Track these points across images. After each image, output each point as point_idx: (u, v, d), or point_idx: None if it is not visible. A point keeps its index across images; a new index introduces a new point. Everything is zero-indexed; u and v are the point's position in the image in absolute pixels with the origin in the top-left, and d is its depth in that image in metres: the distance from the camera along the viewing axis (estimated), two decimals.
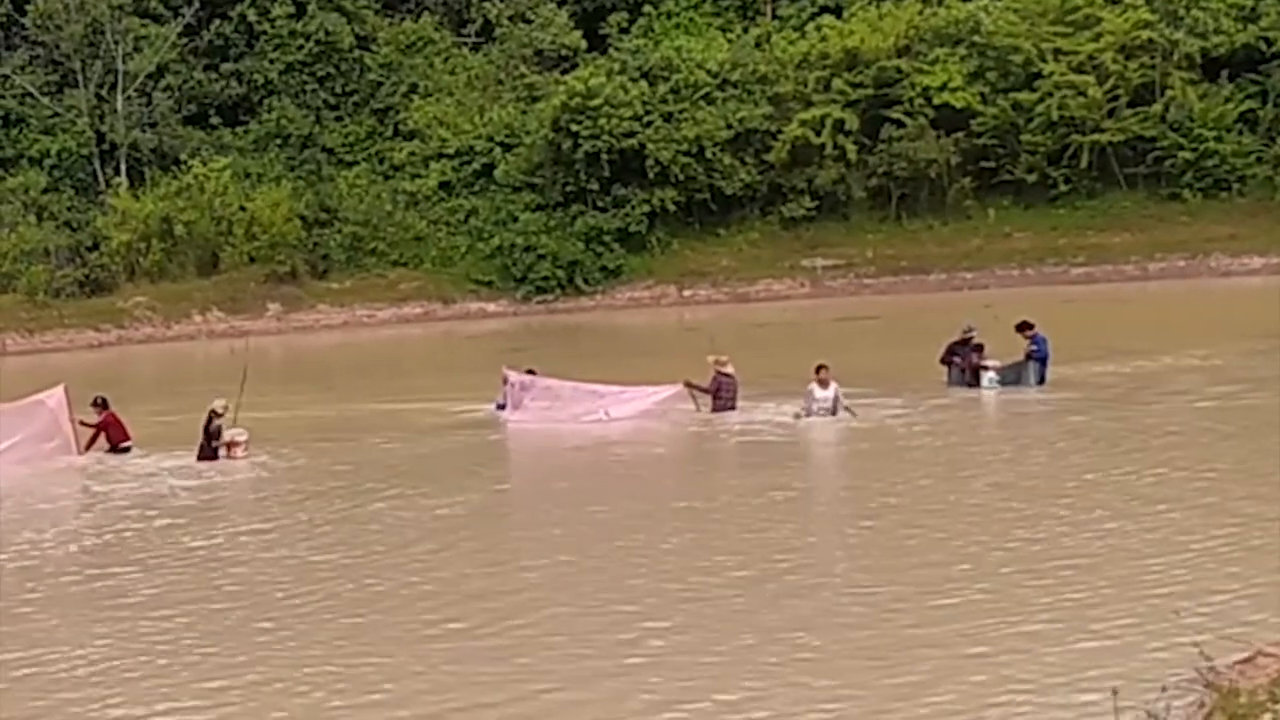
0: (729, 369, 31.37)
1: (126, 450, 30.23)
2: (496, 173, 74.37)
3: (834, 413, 28.79)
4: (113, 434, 30.49)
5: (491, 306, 70.27)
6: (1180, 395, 30.07)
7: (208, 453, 28.68)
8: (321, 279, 71.48)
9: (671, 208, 71.42)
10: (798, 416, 29.13)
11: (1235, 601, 14.95)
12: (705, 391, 31.23)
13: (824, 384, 28.84)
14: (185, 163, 73.68)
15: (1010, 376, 31.79)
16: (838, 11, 76.02)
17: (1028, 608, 15.21)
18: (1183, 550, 17.21)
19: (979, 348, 32.34)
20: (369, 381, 44.43)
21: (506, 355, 40.95)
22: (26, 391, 34.06)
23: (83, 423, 30.62)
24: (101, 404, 30.81)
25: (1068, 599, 15.42)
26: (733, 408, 31.06)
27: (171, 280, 71.18)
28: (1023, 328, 32.22)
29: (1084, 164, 69.61)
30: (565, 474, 26.97)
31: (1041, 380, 31.76)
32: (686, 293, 70.15)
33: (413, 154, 76.50)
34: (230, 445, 28.71)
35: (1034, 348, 31.89)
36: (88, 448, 30.52)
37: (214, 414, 28.88)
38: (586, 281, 70.43)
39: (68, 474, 29.18)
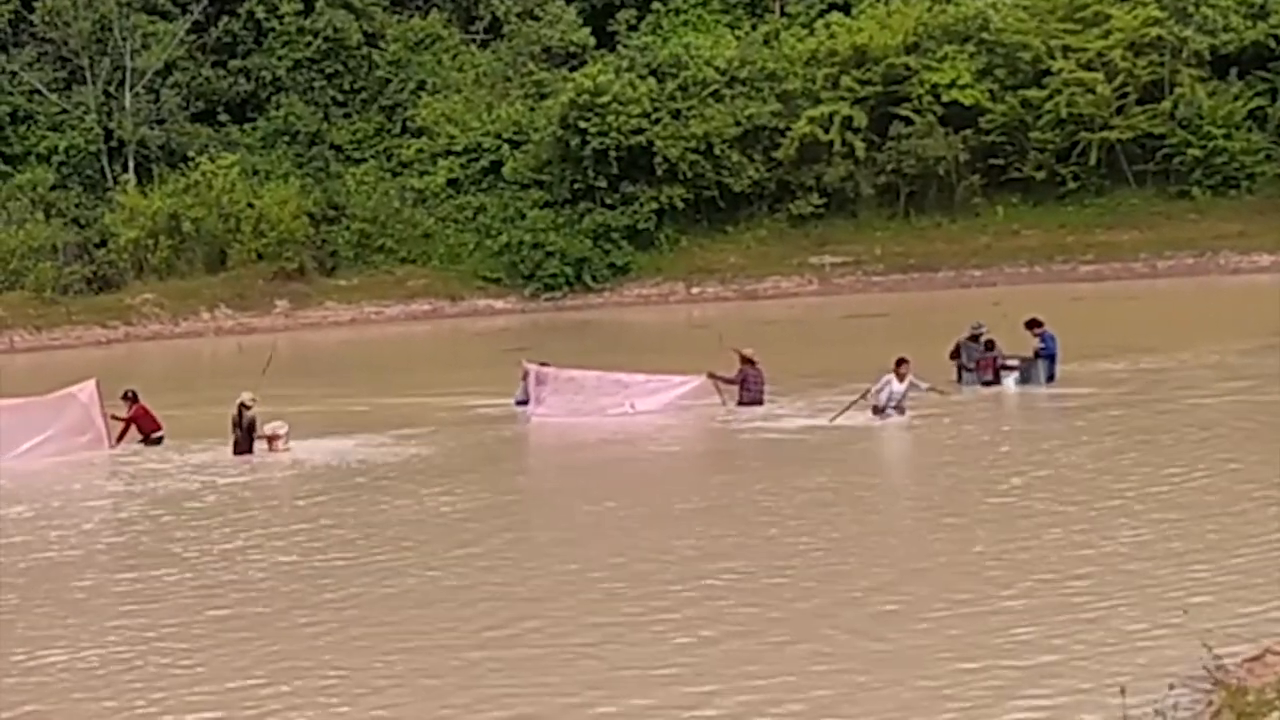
0: (755, 361, 31.38)
1: (159, 441, 30.84)
2: (504, 170, 74.30)
3: (901, 410, 28.33)
4: (144, 425, 31.11)
5: (499, 304, 70.22)
6: (1193, 392, 30.04)
7: (244, 446, 28.60)
8: (329, 276, 71.46)
9: (680, 205, 71.32)
10: (867, 402, 28.49)
11: (1245, 599, 14.91)
12: (730, 383, 31.22)
13: (901, 378, 28.33)
14: (193, 160, 73.59)
15: (1020, 374, 31.81)
16: (846, 8, 75.99)
17: (1040, 605, 15.18)
18: (1193, 547, 17.18)
19: (991, 344, 32.28)
20: (382, 378, 44.47)
21: (513, 353, 40.91)
22: (36, 388, 34.27)
23: (114, 416, 31.18)
24: (132, 397, 31.45)
25: (1078, 597, 15.39)
26: (760, 402, 31.04)
27: (179, 277, 71.14)
28: (1032, 325, 32.20)
29: (1093, 161, 69.53)
30: (588, 471, 26.97)
31: (1051, 378, 31.76)
32: (695, 290, 70.06)
33: (421, 151, 76.46)
34: (271, 439, 28.66)
35: (1042, 345, 31.87)
36: (119, 441, 31.03)
37: (243, 406, 28.82)
38: (594, 279, 70.35)
39: (100, 469, 29.37)
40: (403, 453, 28.50)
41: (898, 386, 28.30)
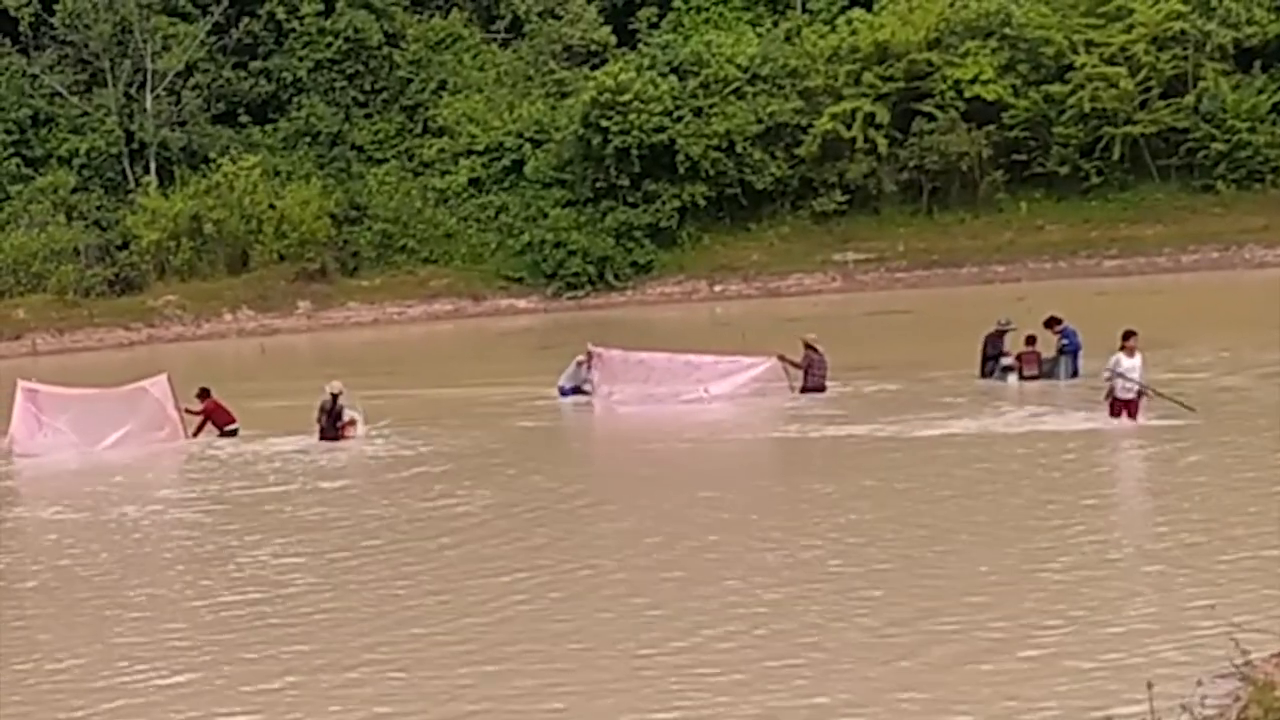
0: (818, 347, 32.19)
1: (234, 433, 32.13)
2: (526, 169, 74.32)
3: (1141, 393, 25.92)
4: (219, 419, 32.48)
5: (522, 303, 70.19)
6: (1226, 385, 29.89)
7: (330, 433, 30.27)
8: (351, 276, 71.56)
9: (702, 203, 71.28)
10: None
11: (1273, 594, 14.79)
12: (797, 367, 32.12)
13: (1130, 353, 25.89)
14: (214, 161, 73.85)
15: (1044, 370, 31.70)
16: (868, 4, 75.74)
17: (1067, 601, 15.08)
18: (1221, 542, 17.06)
19: (1032, 339, 32.16)
20: (421, 372, 44.84)
21: (536, 352, 40.97)
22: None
23: (188, 410, 32.47)
24: (204, 394, 32.72)
25: (1107, 593, 15.28)
26: (822, 388, 31.84)
27: (201, 279, 71.36)
28: (1051, 324, 32.02)
29: (1116, 156, 69.23)
30: (656, 464, 27.13)
31: (1074, 374, 31.56)
32: (717, 288, 69.96)
33: (442, 151, 76.53)
34: (346, 424, 30.51)
35: (1065, 342, 31.71)
36: (196, 433, 32.37)
37: (335, 395, 30.39)
38: (617, 277, 70.30)
39: (184, 461, 30.42)
40: (467, 444, 29.15)
41: (1128, 362, 25.95)
